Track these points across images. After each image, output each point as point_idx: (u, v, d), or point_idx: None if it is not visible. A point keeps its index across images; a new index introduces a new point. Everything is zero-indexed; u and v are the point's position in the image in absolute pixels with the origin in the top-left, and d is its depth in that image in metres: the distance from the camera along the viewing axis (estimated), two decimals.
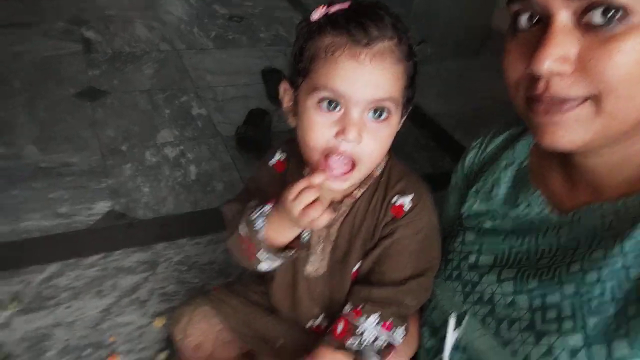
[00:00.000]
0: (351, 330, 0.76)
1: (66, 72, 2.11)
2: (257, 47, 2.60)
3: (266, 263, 0.76)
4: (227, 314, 0.90)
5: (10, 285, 1.26)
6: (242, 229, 0.75)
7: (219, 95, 2.14)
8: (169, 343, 1.16)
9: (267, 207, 0.73)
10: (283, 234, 0.73)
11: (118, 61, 2.27)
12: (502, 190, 0.78)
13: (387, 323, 0.76)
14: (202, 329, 0.90)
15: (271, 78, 2.17)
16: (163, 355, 1.15)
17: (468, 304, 0.74)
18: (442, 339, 0.78)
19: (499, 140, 0.82)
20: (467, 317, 0.74)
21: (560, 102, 0.55)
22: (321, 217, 0.66)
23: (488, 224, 0.79)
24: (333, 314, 0.85)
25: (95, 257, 1.36)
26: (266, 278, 0.90)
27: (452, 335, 0.77)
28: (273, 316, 0.89)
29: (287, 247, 0.75)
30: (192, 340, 0.90)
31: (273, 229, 0.72)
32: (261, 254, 0.74)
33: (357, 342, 0.75)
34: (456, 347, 0.78)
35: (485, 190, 0.81)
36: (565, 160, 0.67)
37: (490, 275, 0.73)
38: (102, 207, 1.53)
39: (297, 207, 0.66)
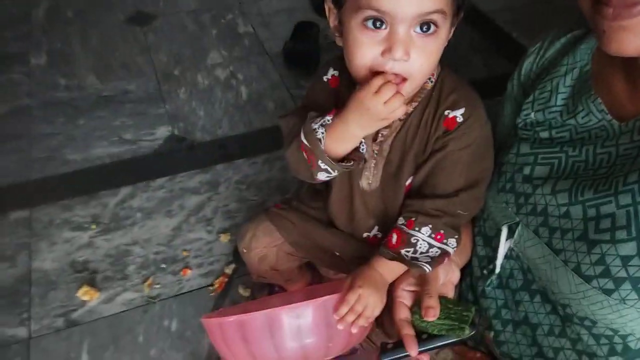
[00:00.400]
0: (405, 241, 0.79)
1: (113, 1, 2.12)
2: None
3: (325, 173, 0.78)
4: (287, 229, 0.96)
5: (88, 208, 1.38)
6: (303, 139, 0.76)
7: (264, 9, 2.09)
8: (235, 256, 1.26)
9: (328, 118, 0.74)
10: (343, 144, 0.74)
11: None
12: (560, 98, 0.75)
13: (439, 234, 0.78)
14: (265, 242, 0.97)
15: None
16: (230, 268, 1.25)
17: (521, 215, 0.74)
18: (495, 248, 0.80)
19: (558, 44, 0.77)
20: (520, 228, 0.74)
21: (631, 5, 0.51)
22: (401, 108, 0.67)
23: (544, 134, 0.76)
24: (387, 226, 0.87)
25: (162, 180, 1.45)
26: (323, 193, 0.93)
27: (505, 245, 0.79)
28: (330, 228, 0.94)
29: (345, 159, 0.77)
30: (256, 253, 0.97)
31: (333, 139, 0.73)
32: (321, 164, 0.76)
33: (411, 252, 0.78)
34: (509, 255, 0.79)
35: (542, 99, 0.77)
36: (630, 67, 0.63)
37: (545, 187, 0.72)
38: (163, 131, 1.60)
39: (381, 99, 0.66)
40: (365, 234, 0.91)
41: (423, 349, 0.75)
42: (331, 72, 0.85)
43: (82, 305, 1.18)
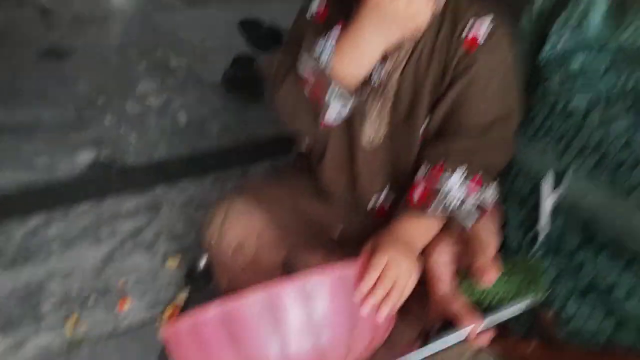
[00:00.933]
0: (432, 193, 0.63)
1: (26, 37, 1.89)
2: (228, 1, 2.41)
3: (335, 107, 0.63)
4: (271, 205, 0.75)
5: None
6: (305, 68, 0.61)
7: (198, 48, 1.95)
8: (189, 279, 1.00)
9: (335, 32, 0.60)
10: (357, 63, 0.61)
11: (79, 23, 2.05)
12: (597, 15, 0.66)
13: (476, 178, 0.63)
14: (242, 224, 0.74)
15: (251, 27, 2.01)
16: (181, 296, 0.98)
17: (566, 158, 0.62)
18: (534, 207, 0.66)
19: None
20: (568, 173, 0.62)
21: None
22: (426, 10, 0.58)
23: (577, 63, 0.66)
24: (399, 187, 0.71)
25: (85, 206, 1.18)
26: (313, 160, 0.75)
27: (549, 200, 0.65)
28: (327, 201, 0.75)
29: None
30: (231, 240, 0.74)
31: (345, 56, 0.60)
32: (331, 94, 0.61)
33: (441, 208, 0.62)
34: (556, 211, 0.65)
35: (572, 24, 0.68)
36: None
37: (590, 119, 0.61)
38: (86, 157, 1.34)
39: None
40: (372, 202, 0.73)
41: (483, 327, 0.56)
42: (316, 4, 0.71)
43: None
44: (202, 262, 1.02)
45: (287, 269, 0.86)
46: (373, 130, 0.69)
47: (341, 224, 0.73)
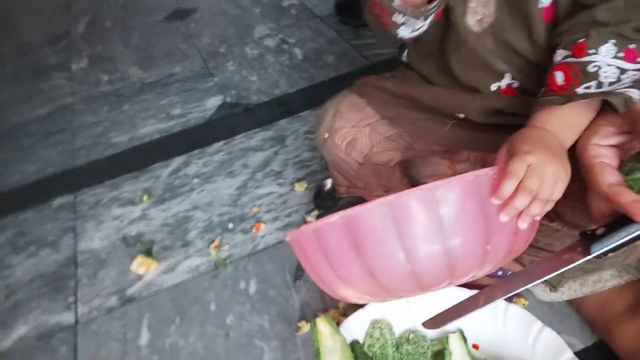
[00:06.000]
0: (577, 73, 0.51)
1: (153, 3, 2.03)
2: None
3: (406, 27, 0.55)
4: (383, 101, 0.69)
5: (138, 183, 1.17)
6: None
7: None
8: (317, 200, 1.00)
9: None
10: None
11: None
12: None
13: (629, 51, 0.50)
14: (353, 119, 0.70)
15: None
16: (312, 215, 0.98)
17: None
18: None
19: None
20: None
21: None
22: None
23: None
24: (524, 76, 0.61)
25: (218, 144, 1.24)
26: (420, 57, 0.68)
27: None
28: (442, 90, 0.67)
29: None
30: (343, 136, 0.70)
31: None
32: (396, 16, 0.53)
33: (594, 85, 0.50)
34: None
35: None
36: None
37: None
38: (214, 101, 1.40)
39: None
40: (494, 85, 0.64)
41: None
42: None
43: (138, 280, 0.94)
44: (328, 185, 1.01)
45: (406, 170, 0.81)
46: (479, 10, 0.60)
47: (462, 111, 0.65)
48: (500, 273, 0.74)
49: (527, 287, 0.52)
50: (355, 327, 0.67)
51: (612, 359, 0.65)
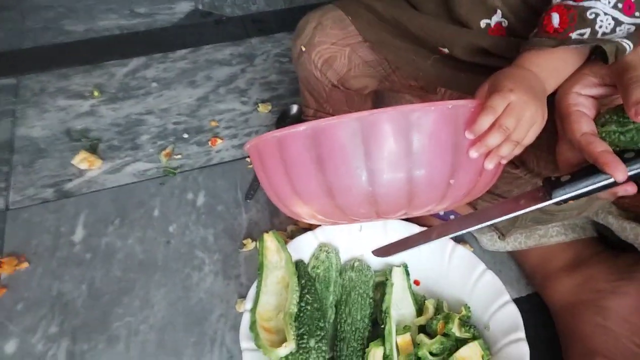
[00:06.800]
0: (574, 17, 0.49)
1: None
2: None
3: None
4: (368, 23, 0.66)
5: (91, 77, 1.09)
6: None
7: None
8: (279, 124, 0.97)
9: None
10: None
11: None
12: None
13: (629, 3, 0.48)
14: (335, 36, 0.66)
15: None
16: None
17: None
18: None
19: None
20: None
21: None
22: None
23: None
24: (515, 15, 0.58)
25: (183, 52, 1.16)
26: None
27: None
28: (432, 20, 0.64)
29: None
30: (322, 51, 0.66)
31: None
32: None
33: (588, 32, 0.48)
34: None
35: None
36: None
37: None
38: (185, 6, 1.31)
39: None
40: (483, 22, 0.61)
41: (636, 171, 0.44)
42: None
43: (80, 175, 0.89)
44: (294, 109, 0.98)
45: (377, 105, 0.79)
46: None
47: (447, 44, 0.62)
48: (452, 217, 0.74)
49: (481, 225, 0.52)
50: (303, 248, 0.66)
51: (540, 310, 0.68)
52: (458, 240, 0.70)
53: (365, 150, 0.49)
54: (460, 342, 0.58)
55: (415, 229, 0.66)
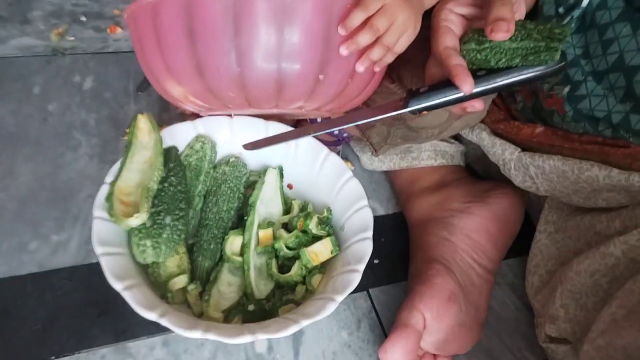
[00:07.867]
0: None
1: None
2: None
3: None
4: None
5: None
6: None
7: None
8: None
9: None
10: None
11: None
12: None
13: None
14: None
15: None
16: None
17: None
18: None
19: None
20: None
21: None
22: None
23: None
24: None
25: None
26: None
27: None
28: None
29: None
30: None
31: None
32: None
33: None
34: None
35: None
36: None
37: None
38: None
39: None
40: None
41: (482, 88, 0.47)
42: None
43: None
44: None
45: None
46: None
47: None
48: (345, 135, 0.76)
49: (346, 126, 0.54)
50: (180, 135, 0.65)
51: (400, 225, 0.73)
52: (342, 159, 0.72)
53: (235, 28, 0.49)
54: (316, 239, 0.61)
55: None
